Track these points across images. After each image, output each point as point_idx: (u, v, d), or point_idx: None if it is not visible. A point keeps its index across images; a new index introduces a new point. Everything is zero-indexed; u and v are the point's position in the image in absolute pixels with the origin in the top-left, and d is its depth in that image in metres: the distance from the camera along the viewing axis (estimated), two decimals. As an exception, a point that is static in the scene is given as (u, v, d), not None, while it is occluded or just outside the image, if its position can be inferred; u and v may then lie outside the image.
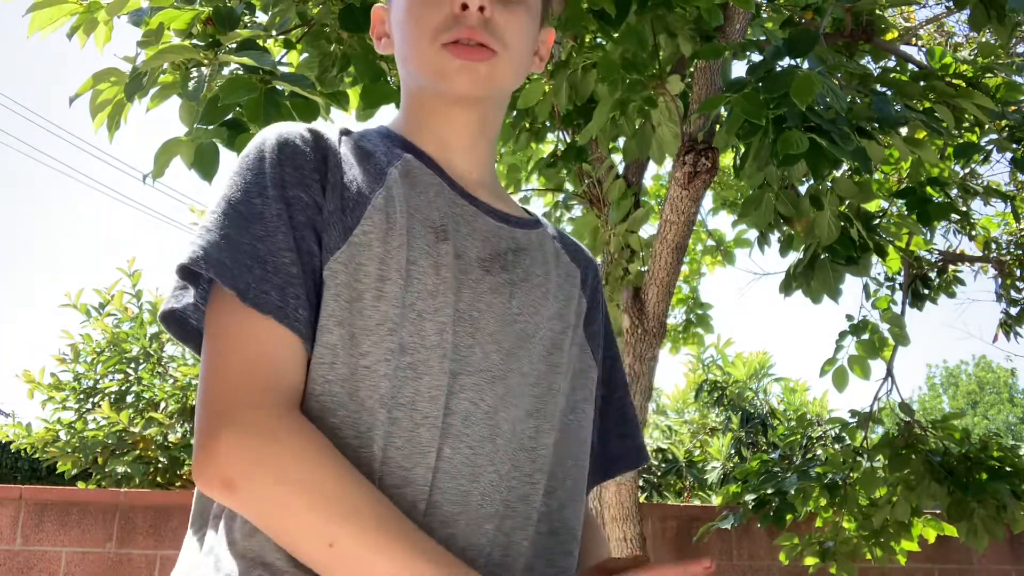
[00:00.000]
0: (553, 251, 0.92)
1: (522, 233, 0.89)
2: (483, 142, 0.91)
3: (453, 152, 0.89)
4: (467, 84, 0.85)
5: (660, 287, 3.05)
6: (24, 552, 4.03)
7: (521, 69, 0.90)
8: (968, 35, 5.46)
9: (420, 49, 0.86)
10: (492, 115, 0.92)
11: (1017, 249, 4.36)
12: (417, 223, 0.80)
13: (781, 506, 3.51)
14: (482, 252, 0.83)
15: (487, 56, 0.85)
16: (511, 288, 0.83)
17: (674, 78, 2.92)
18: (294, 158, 0.80)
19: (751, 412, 8.90)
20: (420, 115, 0.90)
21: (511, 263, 0.85)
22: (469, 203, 0.86)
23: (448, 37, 0.84)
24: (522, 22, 0.88)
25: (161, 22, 2.00)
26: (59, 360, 5.90)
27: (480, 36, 0.84)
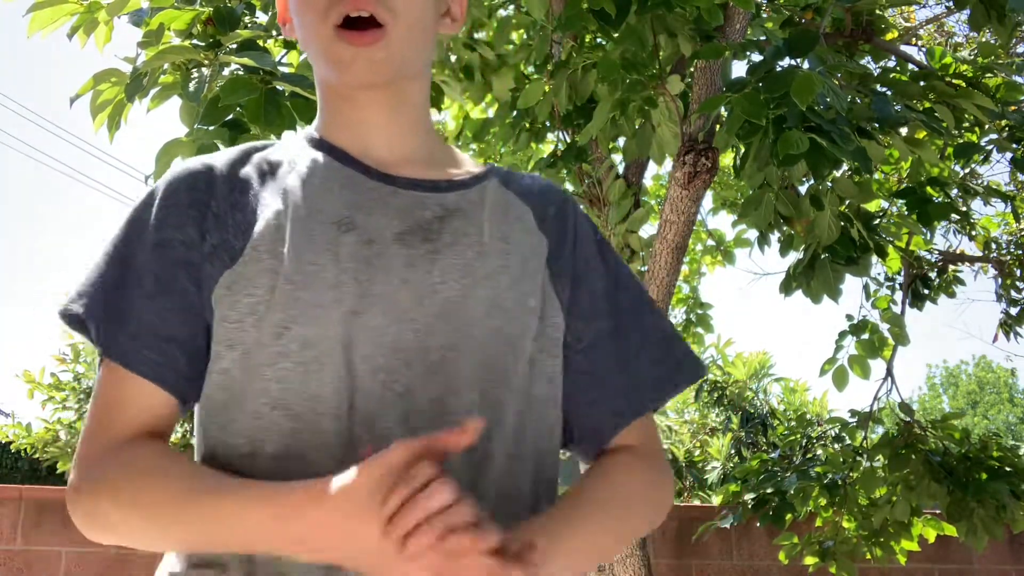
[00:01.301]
0: (499, 202, 0.88)
1: (455, 196, 0.86)
2: (403, 118, 0.88)
3: (370, 137, 0.87)
4: (365, 74, 0.83)
5: (660, 287, 3.05)
6: (24, 552, 4.03)
7: (423, 36, 0.86)
8: (968, 35, 5.47)
9: (314, 32, 0.83)
10: (408, 88, 0.88)
11: (1017, 249, 4.36)
12: (317, 223, 0.80)
13: (781, 506, 3.51)
14: (400, 227, 0.82)
15: (379, 38, 0.81)
16: (432, 258, 0.81)
17: (674, 78, 2.92)
18: (175, 198, 0.82)
19: (751, 412, 8.91)
20: (333, 103, 0.89)
21: (436, 231, 0.82)
22: (385, 183, 0.84)
23: (337, 13, 0.81)
24: None
25: (161, 22, 2.01)
26: (59, 360, 5.91)
27: (368, 6, 0.80)
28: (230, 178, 0.84)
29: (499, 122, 3.81)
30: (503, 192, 0.89)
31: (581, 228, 0.92)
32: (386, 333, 0.77)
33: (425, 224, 0.83)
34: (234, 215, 0.82)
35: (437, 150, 0.92)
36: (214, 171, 0.84)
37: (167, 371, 0.79)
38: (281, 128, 2.12)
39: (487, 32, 3.78)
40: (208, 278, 0.80)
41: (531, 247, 0.86)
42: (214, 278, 0.79)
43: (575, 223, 0.91)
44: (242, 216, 0.81)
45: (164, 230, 0.81)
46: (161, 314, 0.79)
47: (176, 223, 0.81)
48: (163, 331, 0.79)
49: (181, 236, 0.81)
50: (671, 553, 4.44)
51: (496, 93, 3.46)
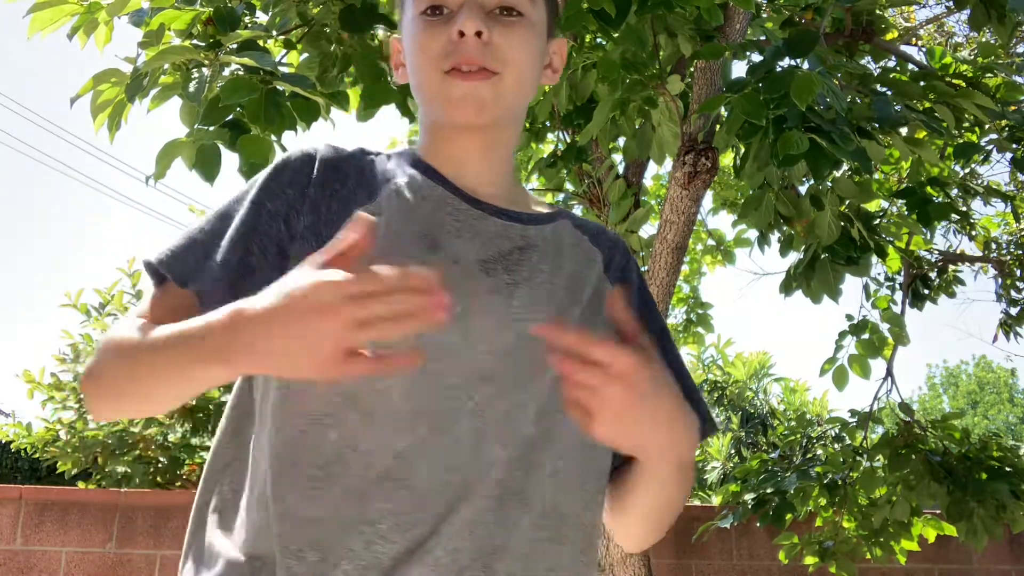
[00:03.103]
0: (571, 241, 0.93)
1: (535, 230, 0.90)
2: (496, 159, 0.94)
3: (465, 169, 0.92)
4: (472, 110, 0.87)
5: (660, 287, 3.05)
6: (24, 552, 4.03)
7: (528, 85, 0.92)
8: (968, 35, 5.47)
9: (426, 77, 0.89)
10: (505, 133, 0.94)
11: (1017, 249, 4.36)
12: (407, 235, 0.84)
13: (781, 505, 3.51)
14: (483, 254, 0.85)
15: (487, 77, 0.87)
16: (512, 289, 0.84)
17: (674, 78, 2.92)
18: (278, 176, 0.88)
19: (751, 412, 8.91)
20: (435, 138, 0.94)
21: (516, 261, 0.86)
22: (474, 207, 0.89)
23: (448, 64, 0.86)
24: (524, 39, 0.90)
25: (162, 23, 2.01)
26: (59, 360, 5.90)
27: (479, 60, 0.86)
28: (334, 168, 0.88)
29: (499, 122, 3.81)
30: (576, 234, 0.95)
31: (640, 279, 0.99)
32: (462, 354, 0.81)
33: (506, 254, 0.87)
34: (329, 204, 0.86)
35: (516, 189, 0.97)
36: (320, 159, 0.89)
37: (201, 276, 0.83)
38: (281, 128, 2.12)
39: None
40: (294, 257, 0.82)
41: (597, 288, 0.92)
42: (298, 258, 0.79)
43: (637, 274, 0.98)
44: (337, 206, 0.85)
45: (260, 196, 0.86)
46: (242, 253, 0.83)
47: (273, 194, 0.86)
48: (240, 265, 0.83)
49: (271, 207, 0.86)
50: (671, 553, 4.44)
51: (496, 93, 3.45)
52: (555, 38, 0.98)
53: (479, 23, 0.86)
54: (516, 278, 0.86)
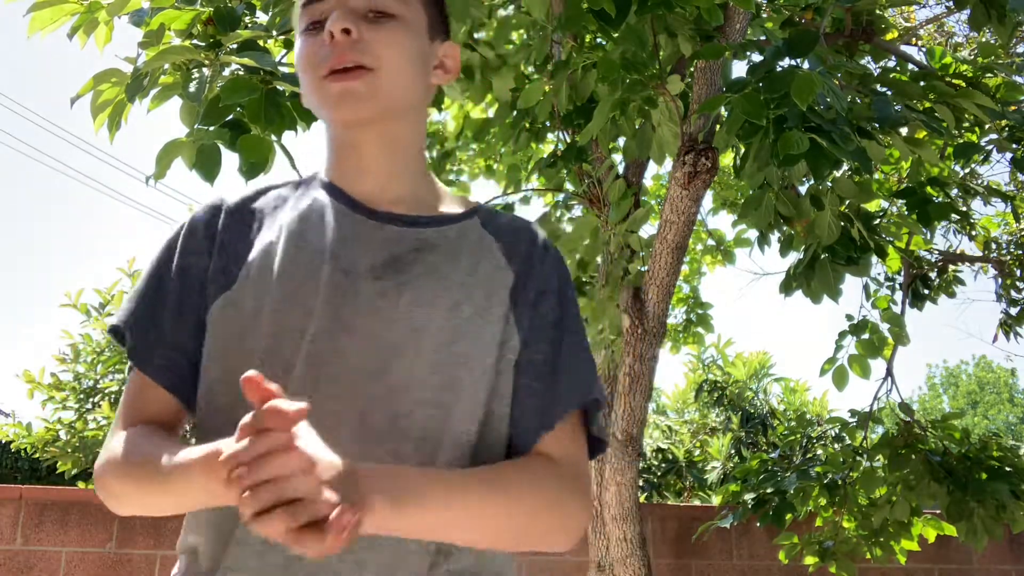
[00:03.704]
0: (473, 238, 0.97)
1: (433, 231, 0.96)
2: (396, 161, 0.98)
3: (363, 175, 0.98)
4: (350, 106, 0.92)
5: (660, 287, 3.05)
6: (24, 552, 4.03)
7: (409, 81, 0.96)
8: (968, 35, 5.46)
9: (309, 85, 0.95)
10: (398, 130, 0.98)
11: (1017, 249, 4.36)
12: (304, 254, 0.91)
13: (781, 505, 3.51)
14: (375, 260, 0.92)
15: (363, 75, 0.91)
16: (400, 289, 0.90)
17: (674, 78, 2.92)
18: (195, 229, 0.97)
19: (751, 412, 8.90)
20: (335, 149, 1.00)
21: (409, 262, 0.92)
22: (369, 218, 0.95)
23: (325, 68, 0.92)
24: (396, 37, 0.94)
25: (162, 23, 2.00)
26: (59, 360, 5.91)
27: (350, 56, 0.91)
28: (239, 211, 0.98)
29: (499, 122, 3.81)
30: (479, 230, 0.99)
31: (548, 266, 0.99)
32: (351, 356, 0.87)
33: (400, 256, 0.93)
34: (235, 245, 0.95)
35: (428, 191, 1.01)
36: (225, 205, 0.98)
37: (171, 375, 0.93)
38: (281, 128, 2.12)
39: (487, 32, 3.78)
40: (210, 298, 0.93)
41: (498, 280, 0.95)
42: (212, 299, 0.93)
43: (542, 261, 0.99)
44: (243, 246, 0.94)
45: (186, 256, 0.96)
46: (176, 328, 0.94)
47: (194, 250, 0.96)
48: (174, 342, 0.94)
49: (197, 262, 0.95)
50: (671, 553, 4.44)
51: (496, 93, 3.46)
52: (443, 41, 1.02)
53: (346, 23, 0.91)
54: (407, 278, 0.91)
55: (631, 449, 3.09)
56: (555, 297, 0.98)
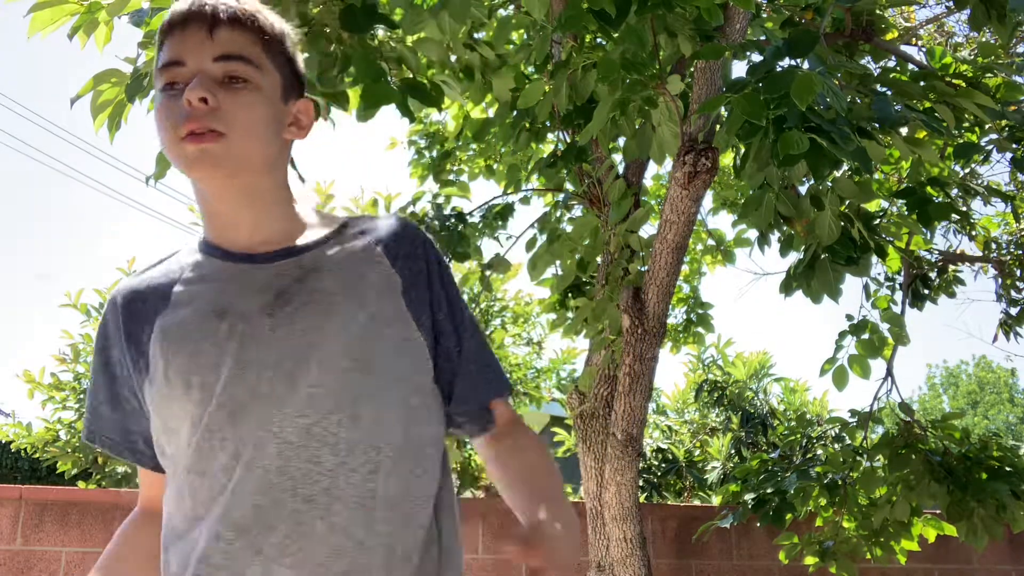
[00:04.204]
0: (352, 248, 1.05)
1: (310, 255, 1.04)
2: (257, 208, 1.05)
3: (233, 227, 1.05)
4: (206, 167, 0.99)
5: (660, 287, 3.05)
6: (24, 552, 4.03)
7: (261, 141, 1.03)
8: (968, 35, 5.46)
9: (168, 145, 1.01)
10: (257, 183, 1.05)
11: (1017, 249, 4.36)
12: (196, 316, 1.00)
13: (781, 505, 3.51)
14: (264, 300, 1.00)
15: (216, 138, 0.98)
16: (292, 316, 0.99)
17: (674, 78, 2.92)
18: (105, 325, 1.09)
19: (751, 412, 8.90)
20: (201, 201, 1.07)
21: (295, 292, 1.00)
22: (248, 264, 1.03)
23: (184, 131, 0.98)
24: (249, 102, 1.01)
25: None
26: (59, 360, 5.90)
27: (207, 124, 0.98)
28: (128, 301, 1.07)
29: (499, 122, 3.81)
30: (359, 239, 1.07)
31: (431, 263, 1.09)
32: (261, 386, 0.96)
33: (285, 289, 1.01)
34: (139, 332, 1.04)
35: (296, 227, 1.08)
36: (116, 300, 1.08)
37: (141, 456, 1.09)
38: (281, 128, 2.11)
39: (487, 32, 3.78)
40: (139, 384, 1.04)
41: (384, 283, 1.04)
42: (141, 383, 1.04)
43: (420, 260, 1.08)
44: (145, 329, 1.04)
45: (106, 351, 1.09)
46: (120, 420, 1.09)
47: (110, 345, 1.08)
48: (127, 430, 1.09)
49: (116, 355, 1.07)
50: (671, 553, 4.44)
51: (496, 93, 3.46)
52: (298, 99, 1.10)
53: (203, 92, 0.98)
54: (296, 305, 0.99)
55: (631, 449, 3.09)
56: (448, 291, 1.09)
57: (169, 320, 1.02)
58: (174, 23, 1.03)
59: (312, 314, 0.99)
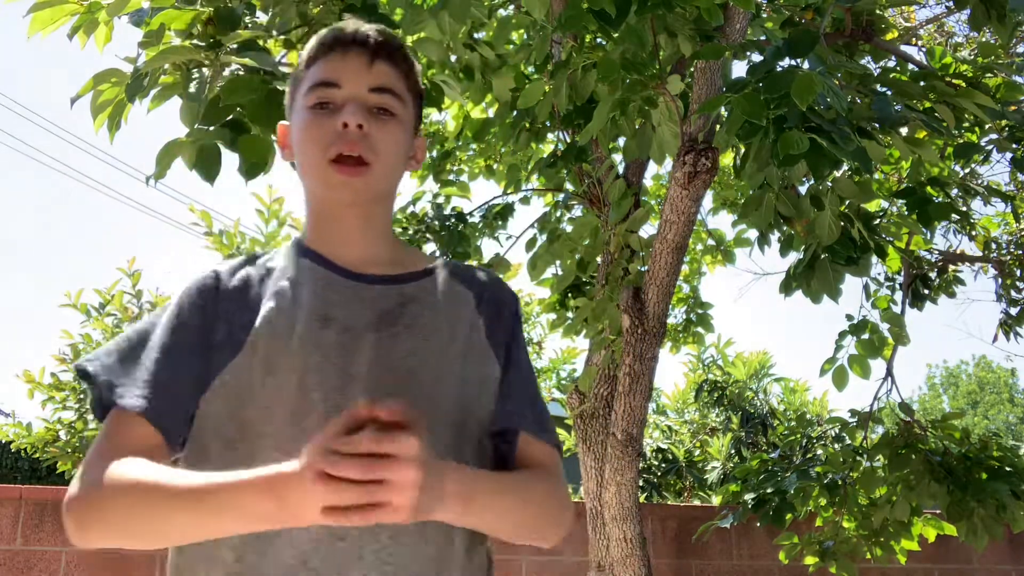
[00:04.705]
0: (445, 288, 1.12)
1: (411, 286, 1.10)
2: (371, 232, 1.12)
3: (344, 245, 1.10)
4: (348, 195, 1.07)
5: (660, 287, 3.05)
6: (24, 552, 4.03)
7: (395, 173, 1.11)
8: (968, 35, 5.46)
9: (313, 163, 1.07)
10: (376, 211, 1.12)
11: (1017, 249, 4.36)
12: (303, 319, 1.02)
13: (781, 505, 3.51)
14: (369, 317, 1.04)
15: (363, 172, 1.05)
16: (394, 340, 1.03)
17: (674, 78, 2.92)
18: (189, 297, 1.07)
19: (751, 412, 8.90)
20: (317, 215, 1.13)
21: (397, 315, 1.06)
22: (356, 281, 1.08)
23: (333, 152, 1.04)
24: (394, 135, 1.08)
25: (162, 23, 2.00)
26: (59, 360, 5.90)
27: (358, 148, 1.04)
28: (233, 280, 1.08)
29: (499, 122, 3.81)
30: (450, 280, 1.13)
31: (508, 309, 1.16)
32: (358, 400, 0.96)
33: (389, 311, 1.06)
34: (240, 313, 1.04)
35: (398, 252, 1.16)
36: (221, 277, 1.08)
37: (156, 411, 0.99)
38: (281, 128, 2.12)
39: (487, 32, 3.77)
40: (216, 366, 1.01)
41: (471, 323, 1.10)
42: (220, 365, 1.01)
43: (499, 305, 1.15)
44: (247, 315, 1.04)
45: (181, 316, 1.05)
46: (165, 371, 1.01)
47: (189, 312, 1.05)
48: (162, 382, 1.00)
49: (192, 322, 1.04)
50: (671, 553, 4.45)
51: (496, 93, 3.46)
52: (418, 136, 1.17)
53: (361, 118, 1.04)
54: (398, 329, 1.04)
55: (631, 449, 3.09)
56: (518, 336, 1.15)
57: (274, 314, 1.03)
58: (336, 45, 1.09)
59: (413, 339, 1.04)
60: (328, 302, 1.05)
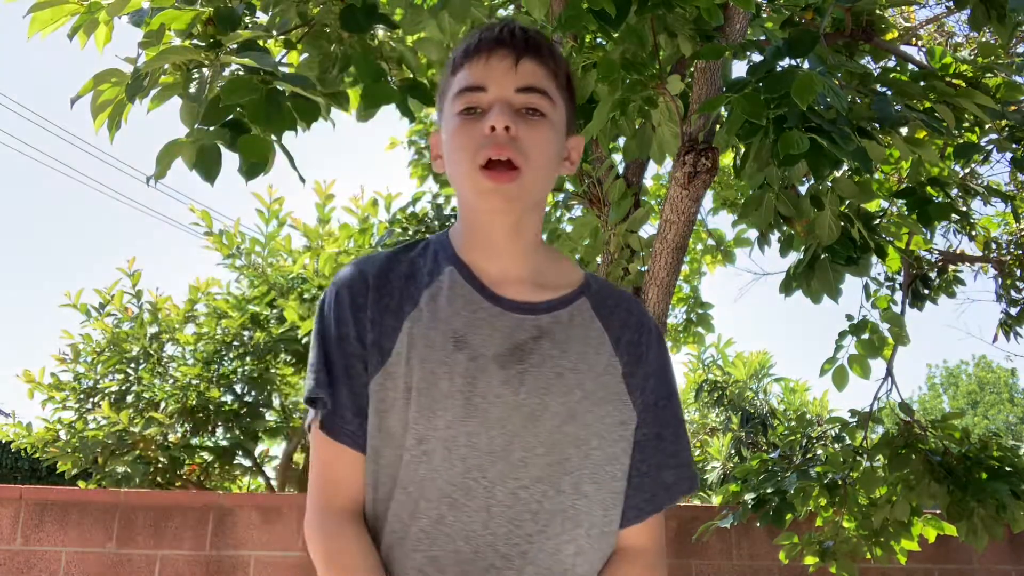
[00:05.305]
0: (582, 324, 1.09)
1: (548, 318, 1.08)
2: (521, 241, 1.10)
3: (492, 257, 1.10)
4: (499, 202, 1.05)
5: (660, 287, 3.05)
6: (24, 552, 4.03)
7: (547, 177, 1.09)
8: (968, 35, 5.46)
9: (463, 169, 1.06)
10: (527, 218, 1.10)
11: (1017, 249, 4.36)
12: (439, 335, 1.03)
13: (781, 505, 3.50)
14: (499, 349, 1.04)
15: (514, 177, 1.03)
16: (521, 377, 1.03)
17: (674, 78, 2.92)
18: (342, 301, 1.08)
19: (751, 412, 8.91)
20: (469, 220, 1.11)
21: (528, 351, 1.04)
22: (495, 304, 1.07)
23: (482, 157, 1.03)
24: (545, 136, 1.06)
25: (162, 23, 2.00)
26: (59, 360, 5.90)
27: (507, 152, 1.02)
28: (381, 284, 1.08)
29: (499, 122, 3.81)
30: (589, 317, 1.10)
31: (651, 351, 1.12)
32: (480, 437, 1.01)
33: (520, 344, 1.05)
34: (384, 319, 1.06)
35: (545, 267, 1.13)
36: (367, 278, 1.09)
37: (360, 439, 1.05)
38: (281, 128, 2.12)
39: (487, 32, 3.76)
40: (371, 370, 1.05)
41: (604, 367, 1.07)
42: (372, 372, 1.05)
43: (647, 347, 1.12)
44: (391, 321, 1.06)
45: (340, 326, 1.07)
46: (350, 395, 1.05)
47: (345, 321, 1.07)
48: (353, 408, 1.05)
49: (350, 331, 1.06)
50: (671, 553, 4.44)
51: (496, 93, 3.45)
52: (574, 135, 1.14)
53: (507, 120, 1.03)
54: (526, 366, 1.03)
55: (631, 449, 3.08)
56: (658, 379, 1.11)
57: (418, 329, 1.05)
58: (480, 48, 1.07)
59: (540, 379, 1.03)
60: (466, 323, 1.05)
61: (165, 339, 5.99)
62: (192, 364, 5.86)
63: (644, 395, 1.09)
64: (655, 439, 1.09)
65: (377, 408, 1.04)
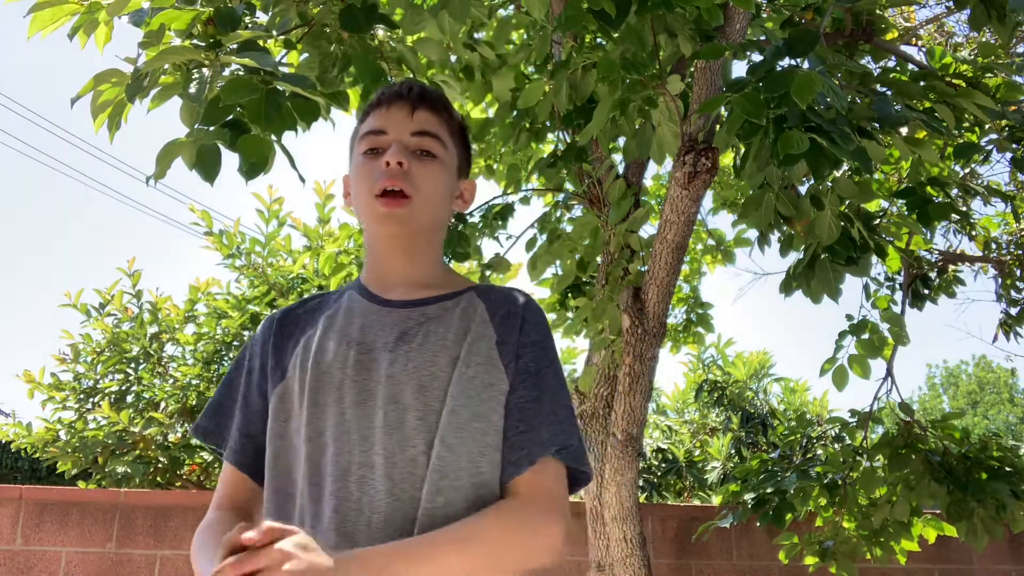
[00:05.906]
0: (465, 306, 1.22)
1: (434, 307, 1.22)
2: (414, 262, 1.25)
3: (388, 273, 1.25)
4: (392, 227, 1.21)
5: (660, 287, 3.05)
6: (24, 552, 4.03)
7: (437, 208, 1.25)
8: (968, 35, 5.46)
9: (363, 199, 1.22)
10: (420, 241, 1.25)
11: (1017, 249, 4.36)
12: (334, 342, 1.19)
13: (781, 505, 3.51)
14: (390, 338, 1.18)
15: (405, 204, 1.20)
16: (408, 353, 1.15)
17: (674, 78, 2.92)
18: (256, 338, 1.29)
19: (751, 412, 8.90)
20: (370, 247, 1.28)
21: (415, 333, 1.18)
22: (385, 307, 1.22)
23: (379, 187, 1.19)
24: (434, 172, 1.23)
25: (162, 23, 2.00)
26: (59, 360, 5.90)
27: (399, 183, 1.19)
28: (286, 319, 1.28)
29: (499, 122, 3.81)
30: (473, 300, 1.24)
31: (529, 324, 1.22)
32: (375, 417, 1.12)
33: (407, 331, 1.18)
34: (286, 345, 1.24)
35: (441, 279, 1.27)
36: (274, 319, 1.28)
37: (240, 457, 1.23)
38: (281, 128, 2.12)
39: (487, 32, 3.77)
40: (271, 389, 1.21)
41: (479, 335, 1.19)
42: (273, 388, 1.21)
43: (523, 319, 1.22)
44: (291, 344, 1.24)
45: (252, 359, 1.27)
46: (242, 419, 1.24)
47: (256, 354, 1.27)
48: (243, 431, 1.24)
49: (257, 363, 1.26)
50: (671, 553, 4.44)
51: (496, 93, 3.46)
52: (466, 179, 1.32)
53: (401, 156, 1.20)
54: (411, 347, 1.16)
55: (631, 449, 3.09)
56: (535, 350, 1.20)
57: (311, 340, 1.21)
58: (382, 101, 1.26)
59: (423, 355, 1.15)
60: (357, 326, 1.20)
61: (165, 339, 5.99)
62: (192, 364, 5.86)
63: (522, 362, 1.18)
64: (534, 402, 1.17)
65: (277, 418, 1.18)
